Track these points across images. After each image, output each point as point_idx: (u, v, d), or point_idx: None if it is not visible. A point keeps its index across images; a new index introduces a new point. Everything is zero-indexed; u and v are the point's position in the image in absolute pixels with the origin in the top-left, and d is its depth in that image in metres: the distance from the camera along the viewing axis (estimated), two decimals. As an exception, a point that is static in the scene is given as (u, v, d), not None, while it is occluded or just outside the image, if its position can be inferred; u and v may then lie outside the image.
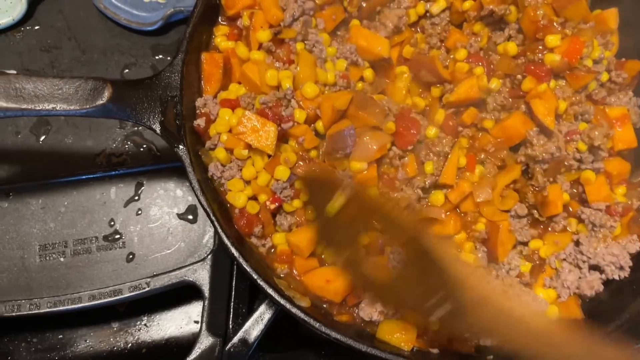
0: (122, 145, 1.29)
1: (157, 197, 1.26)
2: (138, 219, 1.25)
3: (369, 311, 0.98)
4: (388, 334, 0.98)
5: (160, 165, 1.27)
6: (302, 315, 0.92)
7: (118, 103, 0.97)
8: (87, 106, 0.95)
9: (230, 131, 1.03)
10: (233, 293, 1.22)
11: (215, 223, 0.95)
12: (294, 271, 1.03)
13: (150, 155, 1.29)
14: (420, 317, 0.97)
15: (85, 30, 1.36)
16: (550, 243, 1.11)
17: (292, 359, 1.21)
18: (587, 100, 1.18)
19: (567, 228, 1.12)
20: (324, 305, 1.01)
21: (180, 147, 1.00)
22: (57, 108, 0.94)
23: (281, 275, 1.02)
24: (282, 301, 0.93)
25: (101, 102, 0.95)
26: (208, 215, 0.96)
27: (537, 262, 1.10)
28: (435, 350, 0.98)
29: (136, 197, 1.26)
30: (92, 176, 1.25)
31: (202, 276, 1.17)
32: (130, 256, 1.23)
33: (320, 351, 1.20)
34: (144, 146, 1.29)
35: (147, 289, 1.17)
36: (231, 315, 1.21)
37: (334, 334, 0.91)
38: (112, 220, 1.24)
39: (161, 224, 1.25)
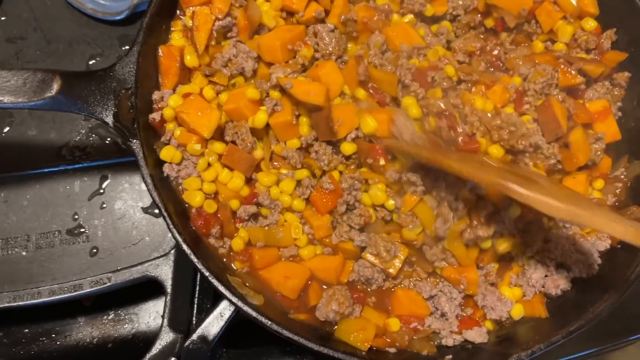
0: (87, 138, 1.27)
1: (121, 190, 1.25)
2: (102, 213, 1.23)
3: (325, 311, 0.96)
4: (346, 334, 0.96)
5: (125, 158, 1.25)
6: (252, 312, 0.90)
7: (68, 95, 0.95)
8: (36, 98, 0.93)
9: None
10: (197, 289, 1.21)
11: (167, 219, 0.93)
12: (254, 266, 1.01)
13: (116, 149, 1.27)
14: None
15: (51, 21, 1.34)
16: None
17: (256, 355, 1.19)
18: (567, 96, 1.14)
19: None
20: (281, 303, 0.99)
21: (134, 141, 0.98)
22: (5, 100, 0.92)
23: (236, 272, 1.00)
24: (234, 299, 0.91)
25: (50, 94, 0.93)
26: (159, 210, 0.94)
27: (506, 260, 1.07)
28: (392, 350, 0.96)
29: (101, 191, 1.24)
30: (55, 169, 1.24)
31: (164, 271, 1.16)
32: (94, 250, 1.21)
33: (285, 348, 1.18)
34: (109, 139, 1.27)
35: (108, 284, 1.15)
36: (195, 311, 1.19)
37: (285, 333, 0.90)
38: (75, 214, 1.22)
39: (126, 218, 1.24)
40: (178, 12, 1.12)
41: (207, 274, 0.91)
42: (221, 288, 0.90)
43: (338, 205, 1.01)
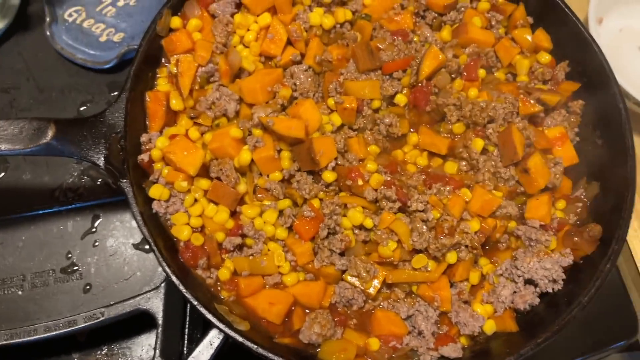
0: (79, 179, 1.33)
1: (113, 228, 1.31)
2: (95, 251, 1.29)
3: (308, 334, 1.01)
4: (328, 355, 1.01)
5: (116, 198, 1.31)
6: (239, 338, 0.96)
7: (62, 142, 1.02)
8: (31, 145, 1.00)
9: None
10: (188, 320, 1.26)
11: (157, 253, 1.00)
12: (240, 295, 1.07)
13: (106, 189, 1.33)
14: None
15: (44, 71, 1.42)
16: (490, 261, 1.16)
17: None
18: (528, 124, 1.23)
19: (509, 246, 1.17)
20: (266, 329, 1.05)
21: (124, 181, 1.05)
22: (2, 148, 0.99)
23: (224, 300, 1.06)
24: (221, 325, 0.97)
25: (44, 140, 1.00)
26: (149, 245, 1.00)
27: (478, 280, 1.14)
28: (374, 368, 1.02)
29: (93, 229, 1.30)
30: (49, 211, 1.30)
31: (155, 304, 1.21)
32: (87, 287, 1.26)
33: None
34: (100, 180, 1.33)
35: (101, 318, 1.20)
36: (186, 342, 1.24)
37: (270, 356, 0.95)
38: (69, 252, 1.28)
39: (117, 255, 1.29)
40: (163, 60, 1.21)
41: (195, 303, 0.97)
42: (209, 316, 0.96)
43: (320, 230, 1.08)
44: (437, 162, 1.22)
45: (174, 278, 0.98)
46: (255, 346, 0.95)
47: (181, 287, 0.97)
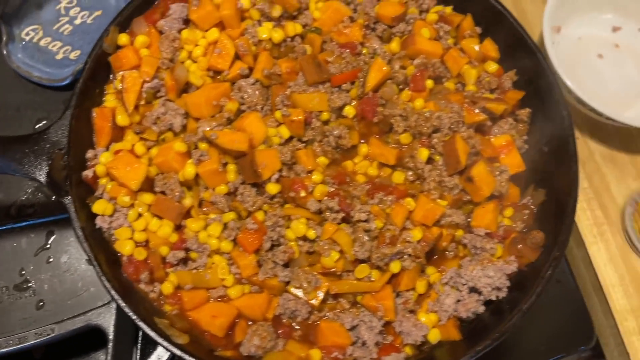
0: (33, 196, 1.34)
1: (67, 244, 1.31)
2: (48, 267, 1.29)
3: (247, 346, 1.02)
4: (270, 366, 1.02)
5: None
6: (177, 351, 0.96)
7: (3, 158, 1.03)
8: (-30, 163, 1.01)
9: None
10: (140, 335, 1.26)
11: (96, 268, 1.01)
12: (184, 308, 1.07)
13: (61, 205, 1.33)
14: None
15: (0, 89, 1.44)
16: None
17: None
18: (475, 133, 1.24)
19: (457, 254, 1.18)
20: (209, 342, 1.05)
21: (67, 198, 1.05)
22: (-59, 166, 1.00)
23: (166, 314, 1.06)
24: (159, 339, 0.97)
25: (-17, 158, 1.02)
26: (89, 259, 1.01)
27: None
28: (315, 379, 1.02)
29: (47, 246, 1.31)
30: (2, 228, 1.30)
31: (106, 319, 1.21)
32: (41, 303, 1.27)
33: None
34: (54, 197, 1.34)
35: (52, 334, 1.19)
36: (139, 357, 1.24)
37: (208, 369, 0.95)
38: (22, 269, 1.28)
39: (71, 271, 1.29)
40: (111, 76, 1.22)
41: (134, 317, 0.98)
42: (146, 329, 0.96)
43: (263, 242, 1.09)
44: (387, 172, 1.23)
45: (113, 292, 0.99)
46: (193, 359, 0.95)
47: (120, 302, 0.98)
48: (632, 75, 1.70)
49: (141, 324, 0.97)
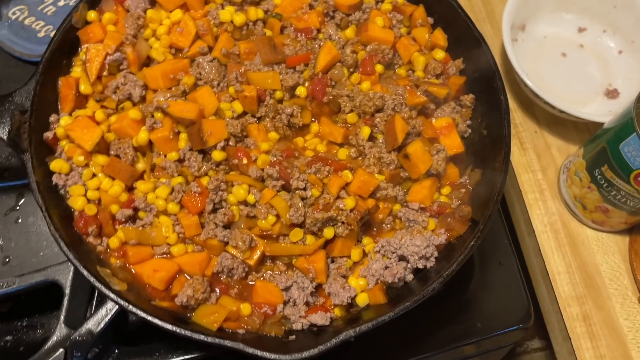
0: (6, 161, 1.44)
1: (35, 207, 1.41)
2: (16, 227, 1.39)
3: (181, 296, 1.09)
4: (200, 317, 1.09)
5: (40, 178, 1.41)
6: (113, 296, 1.04)
7: (-33, 116, 1.13)
8: (-63, 119, 1.11)
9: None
10: (96, 292, 1.34)
11: (47, 219, 1.09)
12: (128, 262, 1.15)
13: (31, 170, 1.44)
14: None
15: (-16, 63, 1.55)
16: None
17: (147, 352, 1.29)
18: (418, 115, 1.31)
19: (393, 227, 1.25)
20: (150, 295, 1.13)
21: (26, 154, 1.15)
22: None
23: (111, 267, 1.14)
24: (97, 284, 1.05)
25: (-52, 114, 1.11)
26: (41, 211, 1.09)
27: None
28: (242, 331, 1.09)
29: (17, 207, 1.41)
30: (-25, 189, 1.40)
31: (63, 276, 1.30)
32: (7, 259, 1.36)
33: (173, 344, 1.30)
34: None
35: (13, 286, 1.29)
36: (93, 310, 1.32)
37: (141, 313, 1.03)
38: (-8, 227, 1.38)
39: (37, 232, 1.39)
40: (79, 49, 1.32)
41: (76, 263, 1.05)
42: (85, 273, 1.04)
43: (206, 205, 1.16)
44: (334, 149, 1.30)
45: (60, 241, 1.07)
46: (128, 304, 1.03)
47: (64, 248, 1.06)
48: (593, 74, 1.76)
49: (81, 268, 1.05)
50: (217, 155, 1.19)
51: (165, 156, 1.22)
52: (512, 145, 1.66)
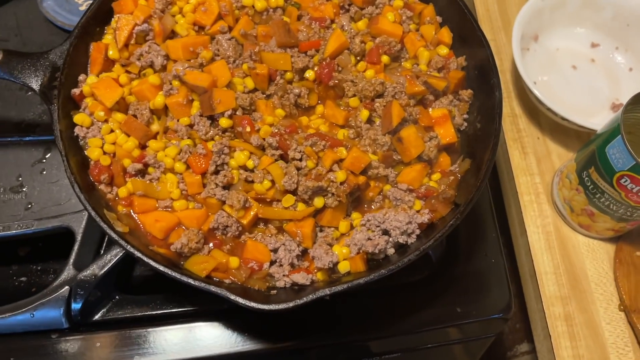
0: (40, 117, 1.58)
1: (59, 162, 1.52)
2: (41, 177, 1.52)
3: (176, 244, 1.19)
4: (191, 265, 1.18)
5: (66, 136, 1.54)
6: (114, 235, 1.14)
7: (7, 66, 1.27)
8: (-21, 65, 1.24)
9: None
10: (105, 242, 1.46)
11: (65, 162, 1.21)
12: (134, 211, 1.26)
13: (60, 127, 1.57)
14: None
15: (30, 29, 1.70)
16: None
17: (145, 301, 1.39)
18: (417, 104, 1.39)
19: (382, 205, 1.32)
20: (148, 240, 1.23)
21: (53, 105, 1.27)
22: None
23: (118, 213, 1.25)
24: (102, 224, 1.15)
25: (-8, 63, 1.25)
26: (61, 155, 1.21)
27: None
28: (228, 281, 1.18)
29: (43, 160, 1.53)
30: (10, 139, 1.54)
31: (77, 224, 1.41)
32: (29, 205, 1.48)
33: (170, 295, 1.40)
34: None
35: (31, 228, 1.41)
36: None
37: (137, 254, 1.13)
38: (20, 175, 1.51)
39: (59, 183, 1.51)
40: (112, 19, 1.45)
41: (86, 204, 1.16)
42: (93, 213, 1.15)
43: (209, 166, 1.27)
44: (335, 130, 1.39)
45: (72, 180, 1.18)
46: (127, 244, 1.13)
47: (76, 189, 1.17)
48: (601, 88, 1.81)
49: (89, 209, 1.16)
50: (224, 122, 1.29)
51: (178, 120, 1.33)
52: (514, 149, 1.73)
